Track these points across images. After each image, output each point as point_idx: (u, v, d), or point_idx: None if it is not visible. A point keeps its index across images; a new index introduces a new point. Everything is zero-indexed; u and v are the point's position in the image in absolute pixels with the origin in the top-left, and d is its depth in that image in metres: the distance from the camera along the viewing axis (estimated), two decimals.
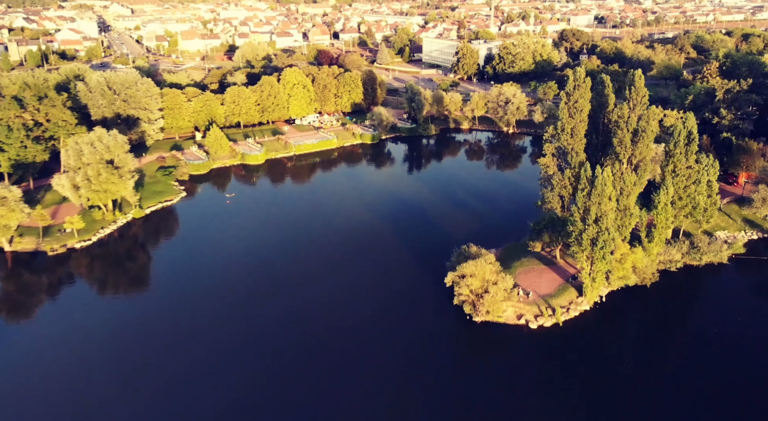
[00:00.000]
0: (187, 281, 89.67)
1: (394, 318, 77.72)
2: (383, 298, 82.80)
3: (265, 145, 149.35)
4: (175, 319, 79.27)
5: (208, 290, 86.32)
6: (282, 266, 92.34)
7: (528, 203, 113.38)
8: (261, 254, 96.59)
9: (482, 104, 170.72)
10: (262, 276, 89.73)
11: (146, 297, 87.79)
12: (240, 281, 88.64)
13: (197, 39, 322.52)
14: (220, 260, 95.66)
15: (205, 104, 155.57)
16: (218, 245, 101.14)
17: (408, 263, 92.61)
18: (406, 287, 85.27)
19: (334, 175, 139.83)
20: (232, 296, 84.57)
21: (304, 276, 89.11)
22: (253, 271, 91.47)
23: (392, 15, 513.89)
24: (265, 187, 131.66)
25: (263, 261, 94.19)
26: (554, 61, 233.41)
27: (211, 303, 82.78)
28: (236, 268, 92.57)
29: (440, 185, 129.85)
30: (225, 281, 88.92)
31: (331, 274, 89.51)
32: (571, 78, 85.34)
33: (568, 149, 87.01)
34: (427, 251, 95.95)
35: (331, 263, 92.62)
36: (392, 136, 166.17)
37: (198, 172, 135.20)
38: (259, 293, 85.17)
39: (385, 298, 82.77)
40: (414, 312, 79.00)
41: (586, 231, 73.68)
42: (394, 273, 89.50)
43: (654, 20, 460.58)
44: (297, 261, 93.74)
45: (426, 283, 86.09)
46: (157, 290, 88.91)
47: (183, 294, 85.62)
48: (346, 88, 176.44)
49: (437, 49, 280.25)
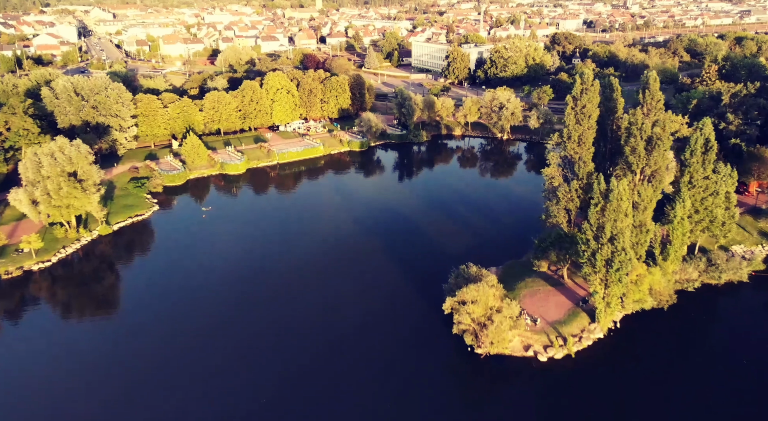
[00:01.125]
0: (159, 303, 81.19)
1: (386, 349, 69.22)
2: (372, 325, 74.31)
3: (246, 154, 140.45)
4: (147, 344, 71.48)
5: (182, 313, 78.01)
6: (261, 288, 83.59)
7: (528, 216, 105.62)
8: (238, 274, 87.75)
9: (475, 110, 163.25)
10: (239, 299, 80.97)
11: (115, 321, 79.17)
12: (215, 303, 79.96)
13: (179, 43, 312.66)
14: (195, 279, 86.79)
15: (182, 111, 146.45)
16: (192, 263, 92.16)
17: (400, 284, 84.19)
18: (399, 313, 76.81)
19: (319, 186, 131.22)
20: (206, 319, 76.08)
21: (285, 299, 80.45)
22: (230, 292, 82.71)
23: (380, 19, 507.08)
24: (246, 199, 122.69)
25: (240, 282, 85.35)
26: (547, 65, 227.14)
27: (184, 327, 74.62)
28: (211, 289, 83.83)
29: (433, 196, 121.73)
30: (199, 302, 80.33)
31: (314, 298, 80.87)
32: (578, 81, 77.70)
33: (575, 159, 79.29)
34: (420, 270, 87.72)
35: (314, 286, 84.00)
36: (382, 143, 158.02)
37: (173, 184, 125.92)
38: (235, 317, 76.48)
39: (374, 325, 74.28)
40: (408, 342, 70.53)
41: (600, 251, 65.82)
42: (385, 296, 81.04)
43: (643, 24, 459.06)
44: (277, 282, 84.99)
45: (421, 307, 77.71)
46: (127, 314, 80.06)
47: (155, 317, 77.46)
48: (333, 93, 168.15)
49: (427, 54, 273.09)
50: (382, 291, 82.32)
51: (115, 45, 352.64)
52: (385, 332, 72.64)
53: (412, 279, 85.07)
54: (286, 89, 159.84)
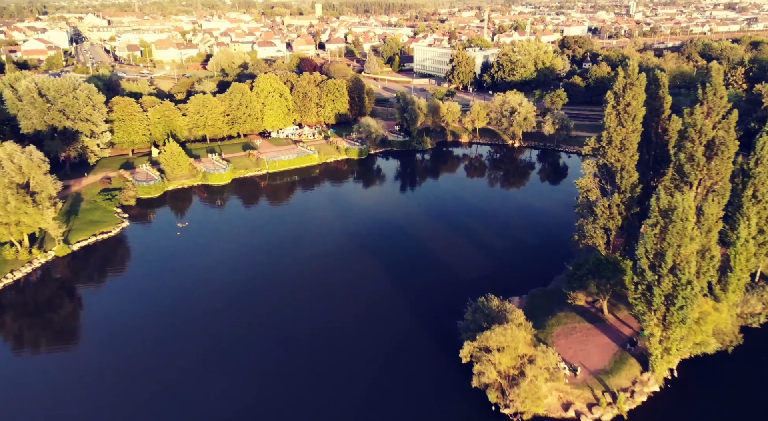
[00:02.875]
0: (125, 334, 68.22)
1: (387, 407, 55.21)
2: (372, 372, 60.39)
3: (232, 162, 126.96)
4: (110, 381, 59.53)
5: (150, 346, 65.42)
6: (242, 319, 69.69)
7: (551, 234, 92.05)
8: (217, 302, 73.92)
9: (484, 114, 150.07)
10: (217, 331, 67.23)
11: (74, 356, 66.32)
12: (189, 336, 66.41)
13: (172, 48, 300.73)
14: (166, 308, 73.25)
15: (163, 115, 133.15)
16: (163, 288, 78.43)
17: (405, 319, 70.25)
18: (404, 358, 62.82)
19: (313, 198, 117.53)
20: (178, 355, 62.85)
21: (268, 335, 66.56)
22: (207, 324, 68.96)
23: (380, 26, 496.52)
24: (229, 214, 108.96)
25: (219, 312, 71.50)
26: (558, 68, 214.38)
27: (153, 362, 62.16)
28: (185, 319, 70.42)
29: (440, 210, 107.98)
30: (170, 335, 67.20)
31: (304, 332, 66.97)
32: (621, 75, 64.36)
33: (617, 167, 65.64)
34: (429, 300, 73.88)
35: (304, 321, 70.05)
36: (382, 150, 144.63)
37: (148, 196, 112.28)
38: (209, 351, 63.05)
39: (374, 372, 60.37)
40: (415, 398, 56.49)
41: (660, 284, 52.00)
42: (387, 334, 67.13)
43: (650, 31, 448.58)
44: (261, 312, 71.08)
45: (430, 350, 63.79)
46: (87, 347, 67.14)
47: (118, 350, 64.99)
48: (330, 96, 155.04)
49: (429, 58, 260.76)
50: (382, 327, 68.37)
51: (106, 50, 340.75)
52: (386, 384, 58.65)
53: (419, 312, 71.17)
54: (279, 92, 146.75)
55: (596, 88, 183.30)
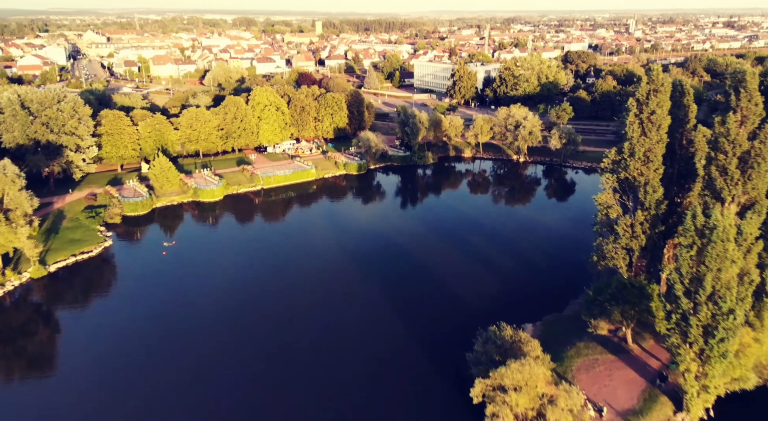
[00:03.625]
0: (102, 361, 62.04)
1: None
2: (370, 411, 53.71)
3: (225, 178, 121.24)
4: (88, 412, 54.04)
5: (129, 373, 59.49)
6: (226, 347, 63.14)
7: (564, 254, 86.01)
8: (200, 327, 67.50)
9: (487, 129, 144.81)
10: (203, 361, 60.63)
11: (49, 384, 60.08)
12: (172, 367, 59.87)
13: (170, 64, 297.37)
14: (146, 333, 66.97)
15: (154, 129, 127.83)
16: (144, 314, 71.95)
17: (408, 349, 63.72)
18: (407, 393, 56.21)
19: (310, 215, 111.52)
20: (159, 385, 56.64)
21: (259, 366, 59.97)
22: (192, 353, 62.40)
23: (380, 44, 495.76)
24: (220, 232, 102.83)
25: (202, 337, 65.03)
26: (561, 83, 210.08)
27: (132, 391, 56.24)
28: (165, 345, 63.94)
29: (444, 228, 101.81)
30: (150, 362, 61.05)
31: (298, 364, 60.39)
32: (644, 81, 58.77)
33: (640, 182, 59.69)
34: (434, 326, 67.48)
35: (297, 348, 63.57)
36: (382, 165, 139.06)
37: (135, 213, 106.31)
38: (195, 381, 56.25)
39: (373, 411, 53.69)
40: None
41: (698, 313, 45.74)
42: (388, 366, 60.58)
43: (651, 48, 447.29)
44: (251, 340, 64.55)
45: (437, 385, 57.21)
46: (64, 375, 60.96)
47: (97, 379, 59.21)
48: (328, 110, 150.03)
49: (430, 73, 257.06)
50: (383, 358, 61.81)
51: (103, 66, 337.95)
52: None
53: (423, 342, 64.67)
54: (275, 106, 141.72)
55: (602, 102, 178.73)
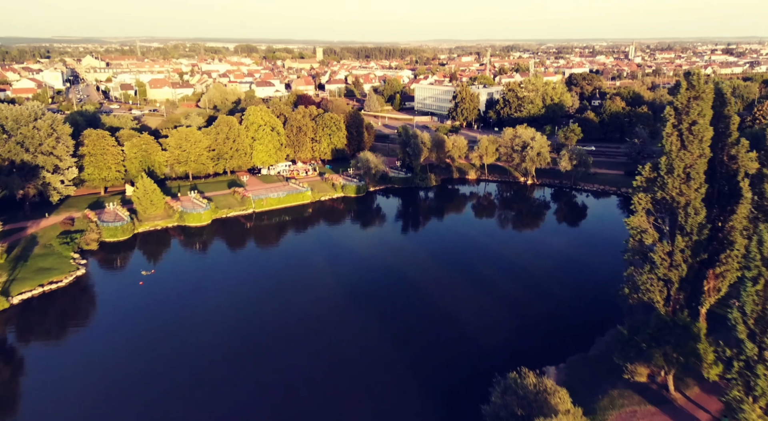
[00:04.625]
0: (68, 403, 53.55)
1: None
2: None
3: (214, 201, 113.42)
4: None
5: (97, 418, 49.48)
6: (207, 393, 54.13)
7: (585, 285, 77.55)
8: (176, 368, 58.61)
9: (493, 150, 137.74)
10: (179, 405, 51.58)
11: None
12: (139, 408, 50.86)
13: (167, 88, 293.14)
14: (116, 372, 58.04)
15: (140, 149, 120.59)
16: (114, 349, 63.27)
17: (412, 399, 54.74)
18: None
19: (304, 241, 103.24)
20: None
21: (244, 411, 51.05)
22: (167, 398, 53.37)
23: (381, 70, 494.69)
24: (205, 259, 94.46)
25: (177, 378, 56.06)
26: (567, 105, 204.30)
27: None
28: (137, 387, 54.77)
29: (449, 256, 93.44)
30: (120, 406, 52.11)
31: (287, 413, 51.49)
32: (684, 86, 51.31)
33: (680, 202, 51.65)
34: (443, 372, 58.56)
35: (286, 395, 54.61)
36: (382, 187, 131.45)
37: (114, 239, 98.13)
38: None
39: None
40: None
41: (767, 361, 37.25)
42: (390, 417, 51.59)
43: (653, 73, 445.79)
44: (232, 387, 55.57)
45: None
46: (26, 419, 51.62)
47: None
48: (326, 131, 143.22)
49: (431, 96, 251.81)
50: (382, 413, 52.82)
51: (98, 89, 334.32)
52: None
53: (430, 390, 55.75)
54: (270, 126, 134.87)
55: (611, 124, 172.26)
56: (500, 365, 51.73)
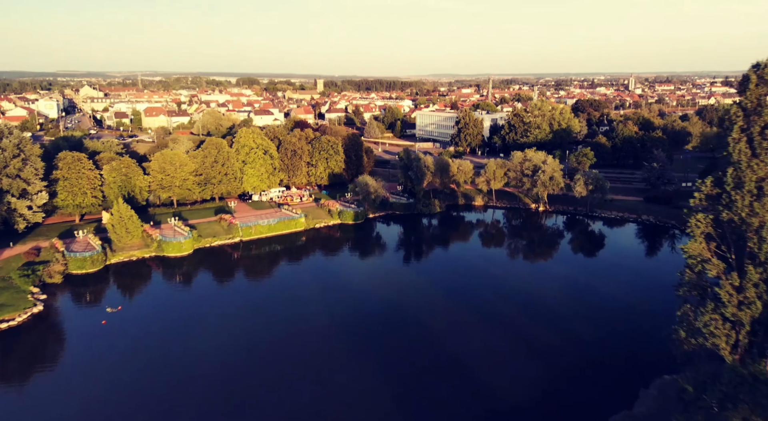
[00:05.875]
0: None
1: None
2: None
3: (198, 229, 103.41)
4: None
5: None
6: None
7: (617, 325, 66.90)
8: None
9: (501, 174, 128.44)
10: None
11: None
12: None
13: (162, 116, 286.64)
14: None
15: (120, 173, 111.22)
16: (68, 400, 51.98)
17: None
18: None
19: (295, 273, 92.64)
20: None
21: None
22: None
23: (381, 100, 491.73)
24: (182, 294, 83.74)
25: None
26: (575, 130, 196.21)
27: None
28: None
29: (458, 289, 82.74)
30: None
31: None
32: (753, 80, 41.92)
33: (752, 224, 41.54)
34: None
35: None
36: (382, 214, 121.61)
37: (82, 271, 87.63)
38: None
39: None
40: None
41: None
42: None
43: (655, 102, 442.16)
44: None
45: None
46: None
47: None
48: (323, 154, 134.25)
49: (433, 123, 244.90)
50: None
51: (93, 118, 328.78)
52: None
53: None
54: (263, 149, 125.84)
55: (623, 149, 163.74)
56: (516, 418, 40.87)
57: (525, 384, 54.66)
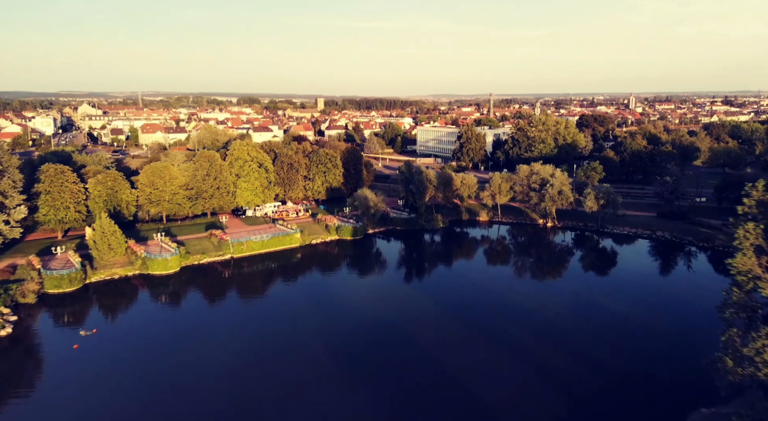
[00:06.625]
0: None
1: None
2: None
3: (187, 245, 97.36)
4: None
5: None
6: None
7: (639, 348, 60.45)
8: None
9: (507, 188, 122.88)
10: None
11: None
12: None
13: (159, 132, 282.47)
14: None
15: (106, 187, 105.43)
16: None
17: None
18: None
19: (288, 293, 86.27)
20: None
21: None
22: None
23: (382, 117, 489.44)
24: (164, 316, 77.33)
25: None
26: (580, 145, 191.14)
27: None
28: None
29: (464, 310, 76.36)
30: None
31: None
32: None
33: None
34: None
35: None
36: (382, 229, 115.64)
37: (59, 290, 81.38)
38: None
39: None
40: None
41: None
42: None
43: (658, 120, 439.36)
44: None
45: None
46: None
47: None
48: (321, 168, 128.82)
49: (434, 139, 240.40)
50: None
51: (88, 134, 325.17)
52: None
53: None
54: (258, 162, 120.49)
55: (632, 163, 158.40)
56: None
57: (539, 415, 48.06)
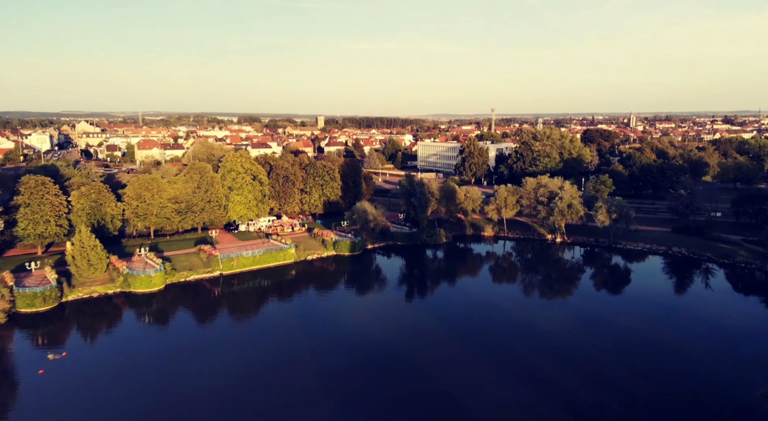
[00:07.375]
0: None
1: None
2: None
3: (173, 261, 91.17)
4: None
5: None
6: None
7: (667, 373, 53.91)
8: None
9: (513, 201, 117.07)
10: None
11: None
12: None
13: (156, 149, 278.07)
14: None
15: (90, 200, 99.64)
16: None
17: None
18: None
19: (281, 313, 79.70)
20: None
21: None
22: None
23: (382, 134, 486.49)
24: (144, 338, 70.69)
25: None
26: (586, 160, 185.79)
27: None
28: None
29: (471, 330, 69.91)
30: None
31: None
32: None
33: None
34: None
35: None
36: (382, 244, 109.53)
37: (32, 310, 75.03)
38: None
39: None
40: None
41: None
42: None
43: (662, 137, 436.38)
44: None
45: None
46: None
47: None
48: (318, 181, 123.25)
49: (435, 154, 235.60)
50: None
51: (83, 150, 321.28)
52: None
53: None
54: (251, 174, 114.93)
55: (641, 177, 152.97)
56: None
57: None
